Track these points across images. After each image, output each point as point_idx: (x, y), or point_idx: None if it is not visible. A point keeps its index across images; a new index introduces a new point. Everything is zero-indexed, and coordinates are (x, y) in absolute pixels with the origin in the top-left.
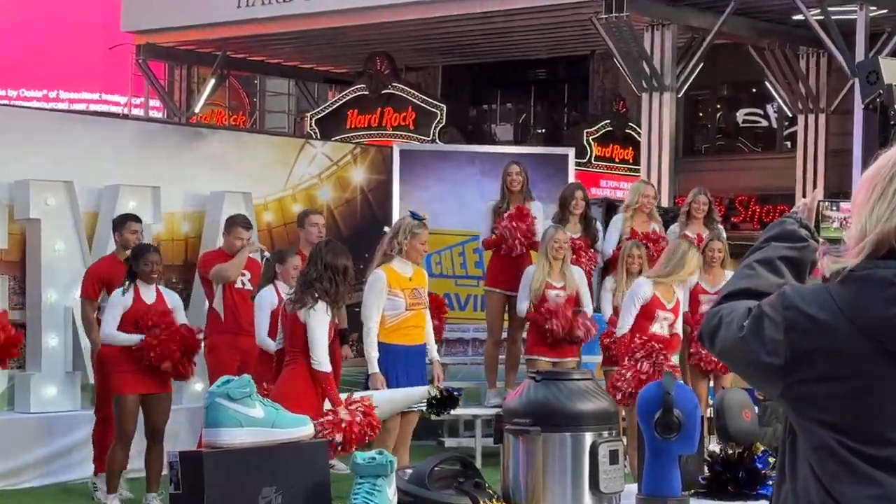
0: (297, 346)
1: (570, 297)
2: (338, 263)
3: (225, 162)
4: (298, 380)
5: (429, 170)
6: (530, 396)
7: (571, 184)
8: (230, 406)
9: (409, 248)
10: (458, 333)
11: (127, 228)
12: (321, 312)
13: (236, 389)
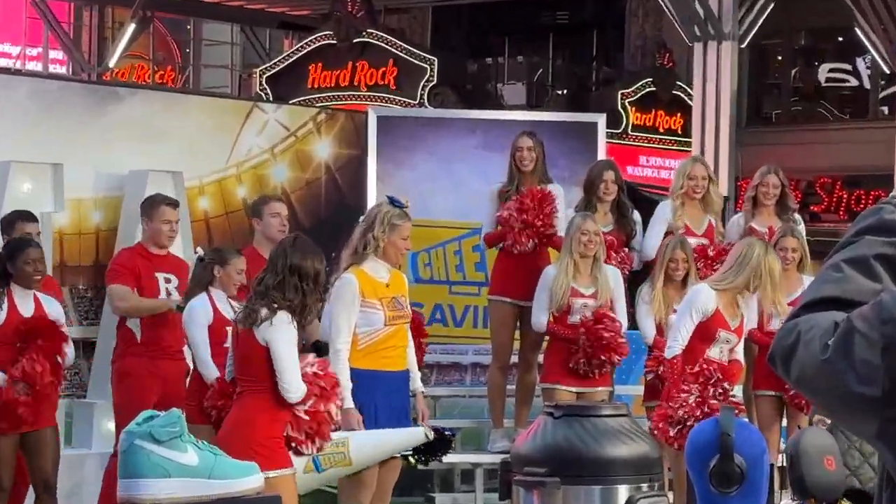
0: (254, 374)
1: (599, 311)
2: (307, 266)
3: (148, 131)
4: (257, 418)
5: (415, 142)
6: (547, 438)
7: (601, 162)
8: (154, 450)
9: (387, 244)
10: (453, 356)
11: (17, 230)
12: (285, 324)
13: (162, 429)
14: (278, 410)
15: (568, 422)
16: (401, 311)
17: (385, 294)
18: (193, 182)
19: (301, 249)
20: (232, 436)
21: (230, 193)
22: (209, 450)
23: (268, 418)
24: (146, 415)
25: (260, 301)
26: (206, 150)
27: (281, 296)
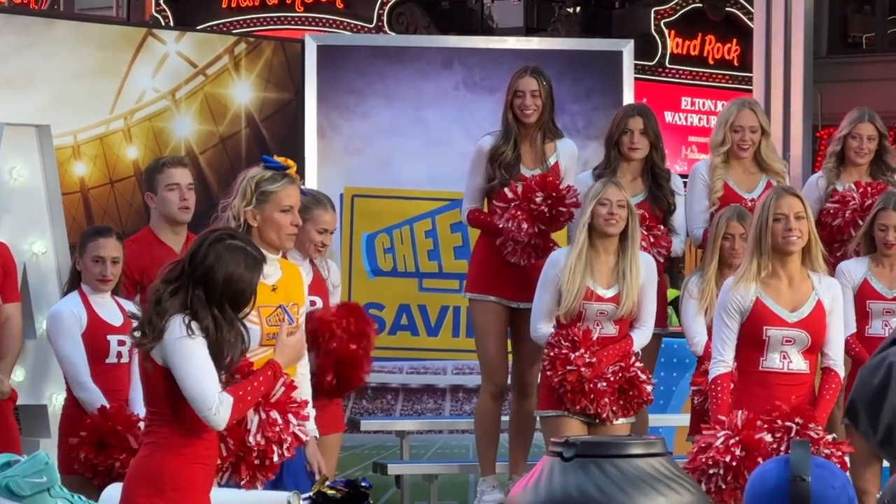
0: (159, 404)
1: (624, 320)
2: (232, 273)
3: (5, 71)
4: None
5: (370, 81)
6: (554, 488)
7: (626, 106)
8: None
9: (262, 223)
10: (425, 377)
11: None
12: (194, 335)
13: (24, 479)
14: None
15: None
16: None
17: (266, 301)
18: (65, 140)
19: (230, 250)
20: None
21: (115, 155)
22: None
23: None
24: (2, 459)
25: (160, 308)
26: (81, 95)
27: (182, 303)
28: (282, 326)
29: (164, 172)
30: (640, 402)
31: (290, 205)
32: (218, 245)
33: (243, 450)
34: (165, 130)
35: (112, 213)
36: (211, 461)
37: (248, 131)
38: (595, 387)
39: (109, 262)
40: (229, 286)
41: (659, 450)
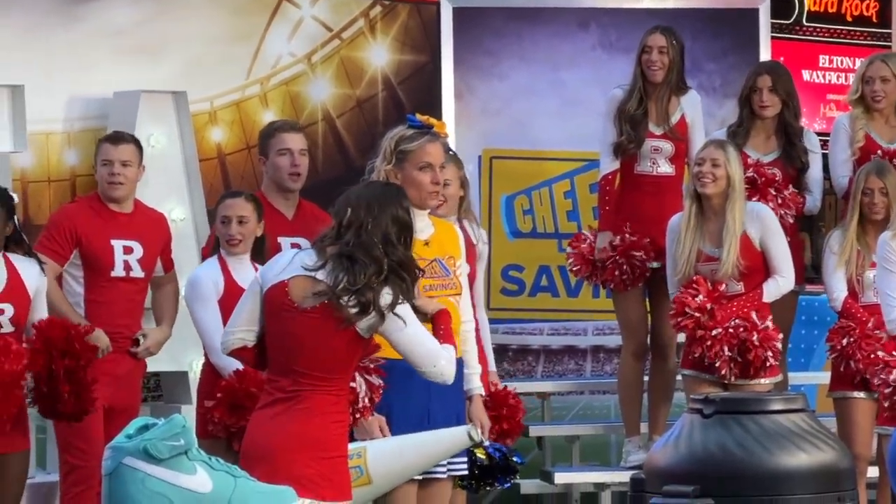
0: (328, 370)
1: (747, 276)
2: (409, 223)
3: (139, 39)
4: (331, 427)
5: (506, 43)
6: (695, 445)
7: (758, 64)
8: (151, 472)
9: (404, 183)
10: (566, 338)
11: None
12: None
13: (162, 442)
14: (346, 419)
15: (723, 422)
16: (444, 279)
17: (420, 254)
18: (202, 106)
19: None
20: (294, 450)
21: (252, 120)
22: (226, 470)
23: (338, 429)
24: (138, 423)
25: (345, 272)
26: (218, 61)
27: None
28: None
29: (276, 137)
30: (758, 367)
31: (428, 162)
32: (376, 197)
33: None
34: (302, 95)
35: (249, 178)
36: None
37: (385, 94)
38: (710, 334)
39: (235, 221)
40: (401, 219)
41: (800, 406)
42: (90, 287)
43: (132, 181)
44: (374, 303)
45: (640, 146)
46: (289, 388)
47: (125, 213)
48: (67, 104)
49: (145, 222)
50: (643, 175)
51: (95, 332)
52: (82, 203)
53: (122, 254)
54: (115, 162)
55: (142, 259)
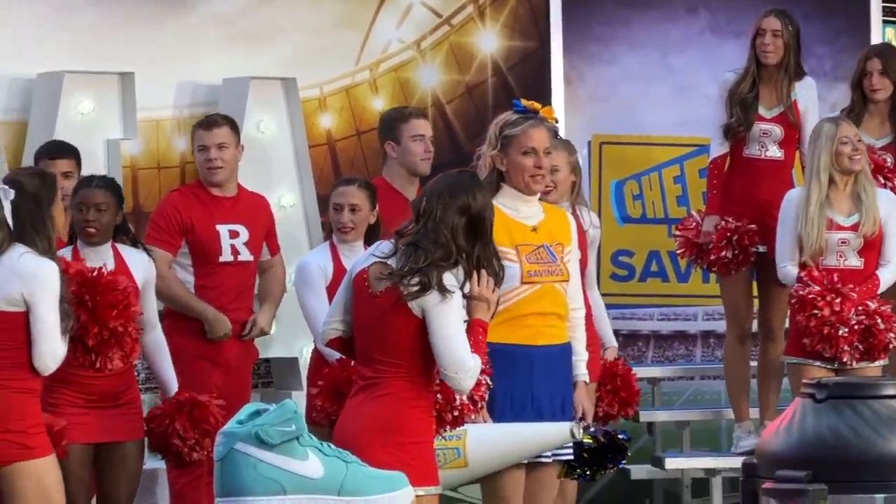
0: (403, 356)
1: (870, 242)
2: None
3: (249, 26)
4: (407, 412)
5: (616, 29)
6: (807, 430)
7: (868, 48)
8: (263, 458)
9: (509, 167)
10: (676, 323)
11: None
12: (454, 293)
13: (273, 428)
14: (428, 404)
15: (835, 406)
16: (551, 264)
17: (528, 240)
18: (311, 92)
19: (477, 188)
20: (372, 437)
21: (362, 106)
22: (338, 455)
23: (416, 415)
24: (250, 409)
25: (414, 260)
26: (327, 47)
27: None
28: (479, 281)
29: (409, 122)
30: (880, 350)
31: (531, 147)
32: (469, 182)
33: (444, 407)
34: (411, 81)
35: (359, 164)
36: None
37: (495, 80)
38: (836, 333)
39: (347, 209)
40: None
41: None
42: (199, 274)
43: (230, 163)
44: (434, 284)
45: (750, 129)
46: (368, 376)
47: (228, 196)
48: (177, 91)
49: (249, 206)
50: (752, 158)
51: (215, 319)
52: (185, 191)
53: (228, 238)
54: (210, 147)
55: (248, 242)
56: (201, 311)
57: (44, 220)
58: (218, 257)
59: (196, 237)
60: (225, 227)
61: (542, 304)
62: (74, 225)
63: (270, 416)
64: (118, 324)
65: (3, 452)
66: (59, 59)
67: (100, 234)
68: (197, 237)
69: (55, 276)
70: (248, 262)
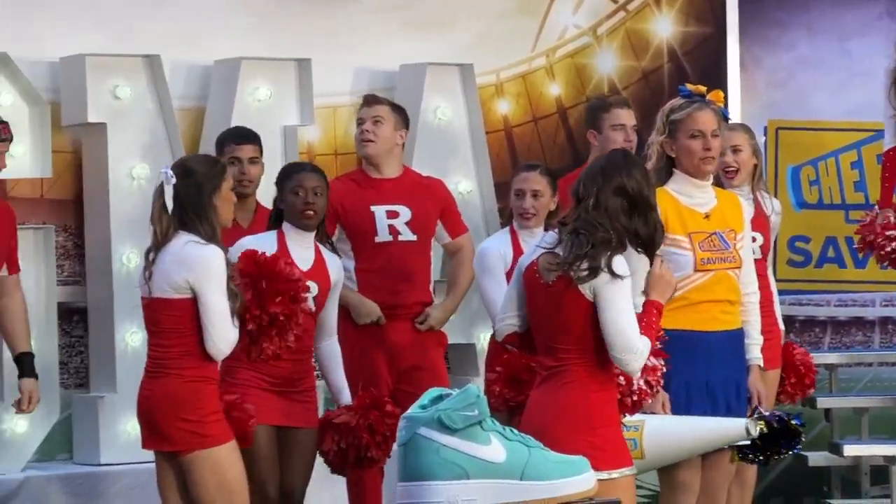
0: (578, 340)
1: None
2: (637, 189)
3: (427, 12)
4: (594, 397)
5: (792, 14)
6: None
7: None
8: (446, 442)
9: (678, 152)
10: (852, 309)
11: (225, 156)
12: (627, 278)
13: (456, 413)
14: (612, 388)
15: None
16: (722, 252)
17: (700, 228)
18: (488, 78)
19: (635, 166)
20: (563, 426)
21: (539, 92)
22: (520, 440)
23: (602, 399)
24: (432, 394)
25: (585, 242)
26: (503, 33)
27: (603, 233)
28: (655, 262)
29: (610, 112)
30: None
31: (699, 129)
32: (628, 161)
33: (625, 391)
34: (588, 67)
35: (535, 150)
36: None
37: (671, 66)
38: None
39: (529, 194)
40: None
41: None
42: (358, 257)
43: (384, 140)
44: (603, 267)
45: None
46: (550, 365)
47: (389, 178)
48: (354, 77)
49: (414, 187)
50: None
51: (360, 304)
52: (343, 177)
53: (385, 218)
54: (366, 120)
55: (410, 222)
56: (345, 297)
57: (206, 206)
58: (374, 237)
59: (348, 219)
60: (382, 207)
61: (715, 292)
62: (289, 209)
63: (453, 400)
64: (280, 311)
65: (180, 441)
66: (236, 46)
67: (316, 218)
68: (349, 219)
69: (220, 261)
70: (411, 241)
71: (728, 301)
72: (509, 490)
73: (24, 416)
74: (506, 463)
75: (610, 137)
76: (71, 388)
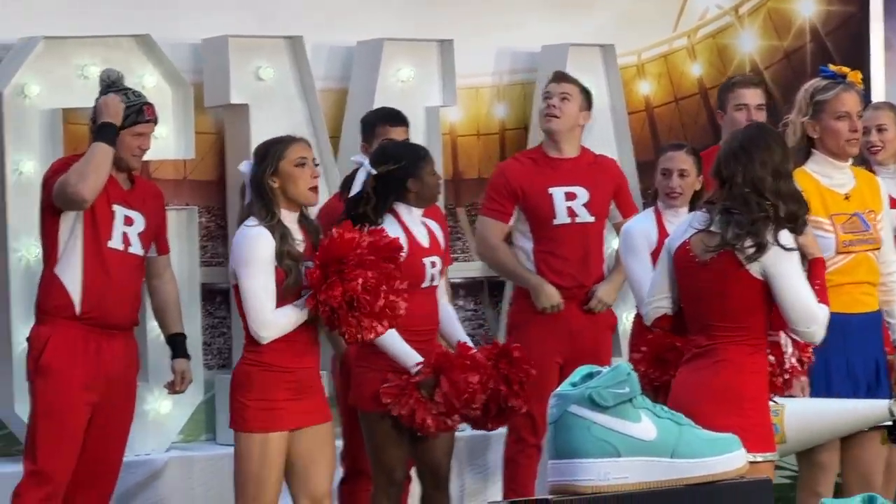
0: (737, 320)
1: None
2: (779, 161)
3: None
4: (746, 377)
5: None
6: None
7: None
8: (597, 420)
9: (822, 133)
10: None
11: (378, 138)
12: (796, 251)
13: (607, 390)
14: (763, 370)
15: None
16: (863, 234)
17: (842, 209)
18: (629, 59)
19: (769, 135)
20: (712, 404)
21: (680, 73)
22: (671, 418)
23: (753, 380)
24: (583, 371)
25: (742, 215)
26: (644, 13)
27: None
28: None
29: (733, 92)
30: None
31: (845, 111)
32: (762, 131)
33: (775, 370)
34: (729, 47)
35: (677, 130)
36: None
37: (813, 45)
38: None
39: (676, 174)
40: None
41: None
42: (537, 239)
43: (569, 117)
44: (770, 243)
45: None
46: (703, 344)
47: (568, 158)
48: (496, 58)
49: (591, 167)
50: None
51: (539, 287)
52: (521, 156)
53: (563, 200)
54: (554, 95)
55: (588, 204)
56: (526, 280)
57: (263, 188)
58: (552, 220)
59: (527, 202)
60: (560, 189)
61: (856, 274)
62: (426, 189)
63: (604, 378)
64: (363, 295)
65: (231, 419)
66: (378, 27)
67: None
68: (528, 201)
69: (251, 243)
70: (588, 223)
71: (869, 283)
72: (660, 468)
73: (169, 398)
74: (656, 440)
75: (734, 118)
76: (214, 369)
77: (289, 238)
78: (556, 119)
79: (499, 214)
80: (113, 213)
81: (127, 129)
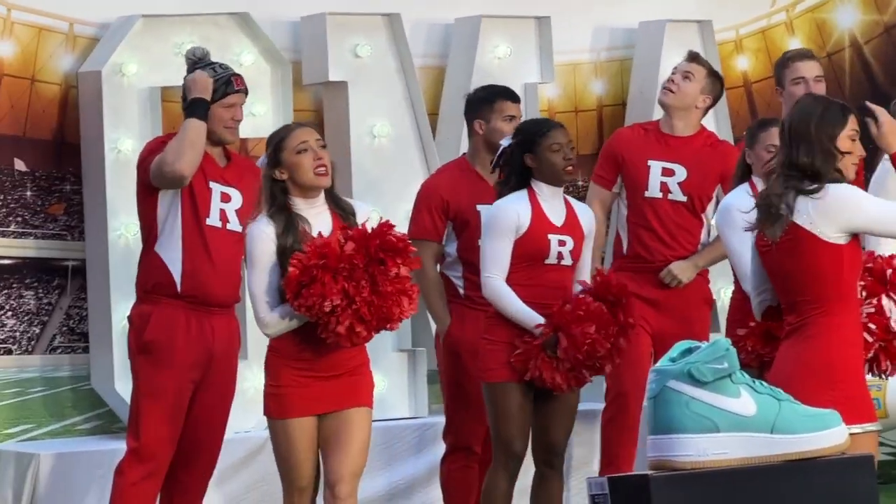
0: (820, 291)
1: None
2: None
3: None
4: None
5: None
6: None
7: None
8: (696, 395)
9: None
10: None
11: (497, 114)
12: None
13: (706, 365)
14: (855, 342)
15: None
16: None
17: None
18: (727, 35)
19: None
20: (806, 379)
21: (779, 48)
22: (770, 393)
23: (843, 354)
24: (682, 347)
25: None
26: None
27: None
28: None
29: (789, 67)
30: None
31: None
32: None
33: (886, 337)
34: (828, 22)
35: (776, 107)
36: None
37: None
38: None
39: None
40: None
41: None
42: (631, 207)
43: (685, 95)
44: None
45: None
46: (794, 321)
47: (680, 136)
48: (594, 34)
49: (701, 149)
50: None
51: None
52: (637, 126)
53: (659, 175)
54: (678, 72)
55: (683, 183)
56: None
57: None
58: (643, 191)
59: (626, 168)
60: (659, 163)
61: None
62: (549, 167)
63: (702, 353)
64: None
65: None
66: (476, 4)
67: (575, 172)
68: (627, 168)
69: (250, 242)
70: (680, 202)
71: None
72: (759, 443)
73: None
74: (756, 416)
75: (791, 92)
76: None
77: (293, 230)
78: (670, 94)
79: (601, 180)
80: (210, 191)
81: (218, 102)
